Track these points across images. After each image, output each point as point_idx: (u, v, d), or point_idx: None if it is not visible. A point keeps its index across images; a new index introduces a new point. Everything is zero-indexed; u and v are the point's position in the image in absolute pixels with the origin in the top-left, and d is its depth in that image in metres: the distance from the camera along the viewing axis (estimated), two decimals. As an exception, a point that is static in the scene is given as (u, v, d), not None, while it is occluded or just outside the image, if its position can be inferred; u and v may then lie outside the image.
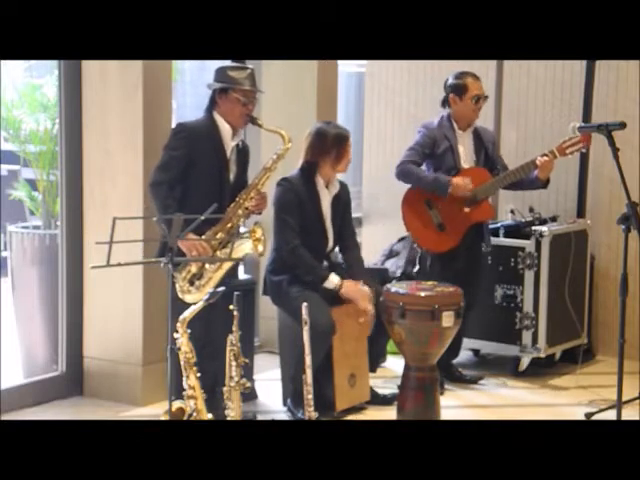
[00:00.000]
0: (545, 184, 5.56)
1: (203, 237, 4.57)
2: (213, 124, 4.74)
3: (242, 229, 4.76)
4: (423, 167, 5.55)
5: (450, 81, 5.57)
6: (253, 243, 4.63)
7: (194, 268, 4.62)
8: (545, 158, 5.39)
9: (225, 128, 4.75)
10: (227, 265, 4.64)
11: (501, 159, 5.76)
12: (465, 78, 5.53)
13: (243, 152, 4.92)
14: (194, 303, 4.08)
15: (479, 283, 5.69)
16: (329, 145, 5.03)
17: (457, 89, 5.52)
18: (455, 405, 5.39)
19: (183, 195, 4.66)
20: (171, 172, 4.66)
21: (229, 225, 4.65)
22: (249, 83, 4.74)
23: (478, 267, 5.71)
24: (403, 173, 5.50)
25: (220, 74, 4.76)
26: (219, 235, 4.63)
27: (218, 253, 4.61)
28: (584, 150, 5.53)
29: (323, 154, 5.03)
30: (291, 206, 5.00)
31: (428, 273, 5.56)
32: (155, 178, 4.67)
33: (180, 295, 4.56)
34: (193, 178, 4.68)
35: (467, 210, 5.50)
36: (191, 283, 4.61)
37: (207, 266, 4.62)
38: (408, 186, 5.59)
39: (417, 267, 5.91)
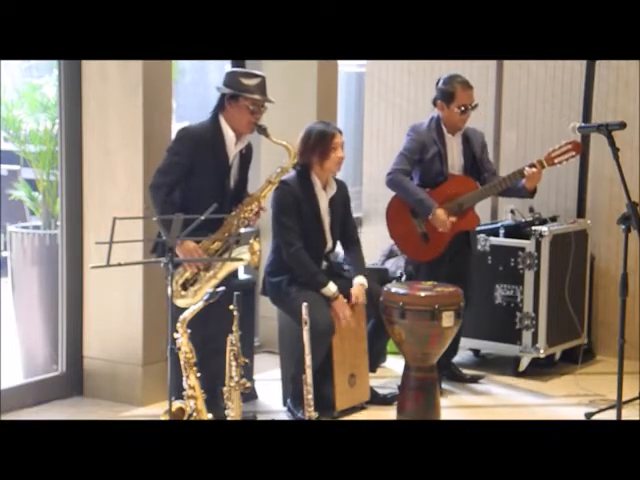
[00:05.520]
0: (532, 194, 5.46)
1: (199, 245, 4.55)
2: (218, 130, 4.68)
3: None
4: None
5: (440, 85, 5.47)
6: (251, 256, 4.58)
7: (189, 273, 4.60)
8: (533, 169, 5.30)
9: (229, 135, 4.69)
10: (222, 274, 4.61)
11: (490, 164, 5.67)
12: (454, 85, 5.40)
13: (247, 155, 4.86)
14: (185, 308, 4.09)
15: (470, 286, 5.55)
16: (312, 143, 4.99)
17: (445, 96, 5.41)
18: (455, 405, 5.38)
19: (183, 200, 4.63)
20: (171, 176, 4.63)
21: (226, 234, 4.61)
22: (260, 92, 4.67)
23: (467, 272, 5.60)
24: (393, 183, 5.45)
25: (231, 79, 4.68)
26: (215, 244, 4.62)
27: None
28: (576, 157, 5.45)
29: (310, 153, 5.00)
30: (290, 208, 4.98)
31: (414, 279, 5.52)
32: (155, 181, 4.65)
33: (172, 299, 4.53)
34: (194, 184, 4.66)
35: (452, 220, 5.44)
36: (184, 288, 4.60)
37: (202, 272, 4.60)
38: None
39: (403, 274, 5.90)
